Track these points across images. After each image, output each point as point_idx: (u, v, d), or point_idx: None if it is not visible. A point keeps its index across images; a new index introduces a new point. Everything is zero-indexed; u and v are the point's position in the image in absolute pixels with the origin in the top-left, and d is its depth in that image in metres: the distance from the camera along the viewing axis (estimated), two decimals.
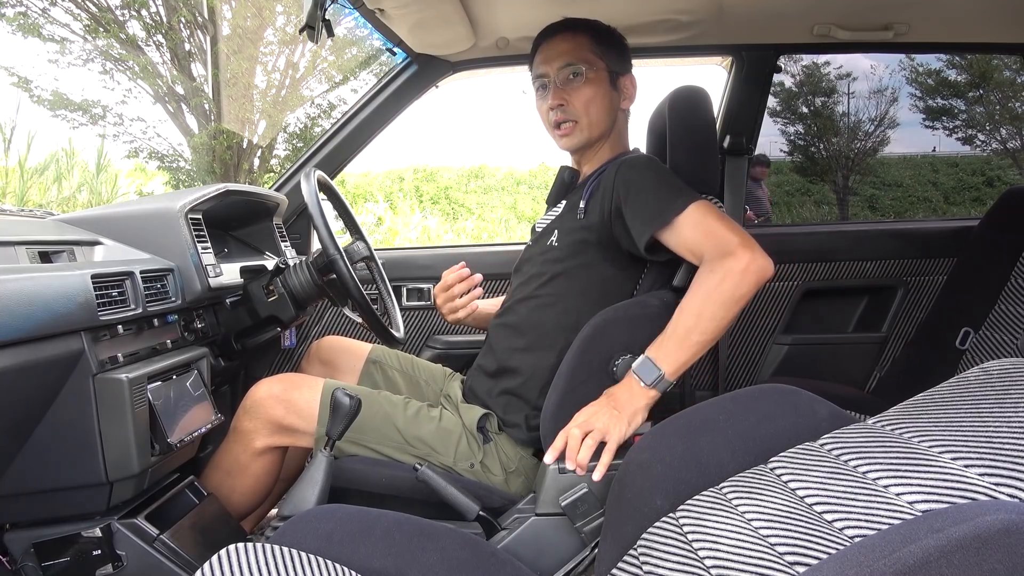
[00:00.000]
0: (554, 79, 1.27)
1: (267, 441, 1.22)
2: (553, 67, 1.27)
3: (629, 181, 1.16)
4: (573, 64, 1.26)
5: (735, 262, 1.02)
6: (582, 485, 1.04)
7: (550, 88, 1.28)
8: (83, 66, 6.71)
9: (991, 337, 1.63)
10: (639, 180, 1.16)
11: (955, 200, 6.26)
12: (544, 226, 1.33)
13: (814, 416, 0.78)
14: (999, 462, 0.55)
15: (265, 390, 1.21)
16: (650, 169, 1.18)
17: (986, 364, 0.69)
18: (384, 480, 1.19)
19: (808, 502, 0.64)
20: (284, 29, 7.05)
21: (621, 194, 1.15)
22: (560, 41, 1.28)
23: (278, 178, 1.89)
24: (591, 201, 1.23)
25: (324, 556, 0.78)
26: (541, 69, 1.29)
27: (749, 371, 1.95)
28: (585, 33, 1.28)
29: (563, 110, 1.27)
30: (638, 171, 1.17)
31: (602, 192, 1.20)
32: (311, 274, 1.36)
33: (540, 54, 1.30)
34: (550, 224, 1.31)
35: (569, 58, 1.26)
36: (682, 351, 1.04)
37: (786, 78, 6.04)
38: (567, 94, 1.27)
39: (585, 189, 1.26)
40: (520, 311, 1.28)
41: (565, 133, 1.29)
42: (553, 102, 1.27)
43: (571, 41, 1.27)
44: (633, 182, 1.16)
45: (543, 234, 1.31)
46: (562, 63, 1.26)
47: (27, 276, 0.93)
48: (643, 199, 1.13)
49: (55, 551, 1.06)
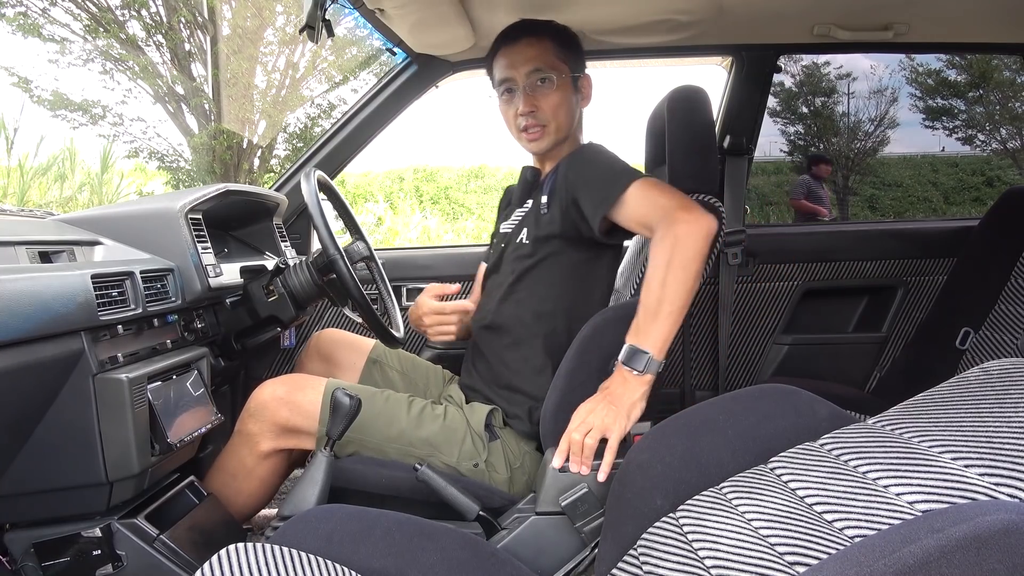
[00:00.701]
0: (523, 85, 1.27)
1: (273, 444, 1.22)
2: (520, 73, 1.27)
3: (578, 171, 1.22)
4: (541, 70, 1.27)
5: (680, 225, 1.06)
6: (582, 485, 1.04)
7: (518, 93, 1.28)
8: (83, 66, 6.71)
9: (991, 337, 1.63)
10: (586, 168, 1.22)
11: (955, 200, 6.27)
12: (513, 226, 1.35)
13: (814, 416, 0.78)
14: (999, 462, 0.55)
15: (269, 392, 1.21)
16: (594, 156, 1.25)
17: (986, 364, 0.69)
18: (384, 480, 1.19)
19: (808, 502, 0.64)
20: (284, 29, 7.05)
21: (573, 183, 1.21)
22: (525, 46, 1.27)
23: (278, 178, 1.89)
24: (552, 197, 1.28)
25: (324, 556, 0.78)
26: (507, 74, 1.29)
27: (749, 371, 1.95)
28: (548, 37, 1.28)
29: (533, 116, 1.28)
30: (583, 160, 1.24)
31: (559, 187, 1.25)
32: (311, 274, 1.36)
33: (504, 58, 1.29)
34: (518, 224, 1.34)
35: (537, 63, 1.26)
36: (659, 325, 1.05)
37: (786, 78, 6.04)
38: (536, 100, 1.27)
39: (545, 186, 1.30)
40: (502, 311, 1.30)
41: (534, 137, 1.30)
42: (524, 108, 1.27)
43: (536, 46, 1.27)
44: (581, 171, 1.22)
45: (513, 234, 1.34)
46: (530, 68, 1.27)
47: (27, 276, 0.93)
48: (591, 185, 1.19)
49: (55, 551, 1.06)
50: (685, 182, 1.29)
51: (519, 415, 1.25)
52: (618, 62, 1.92)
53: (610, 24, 1.61)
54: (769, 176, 6.28)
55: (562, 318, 1.26)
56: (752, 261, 1.89)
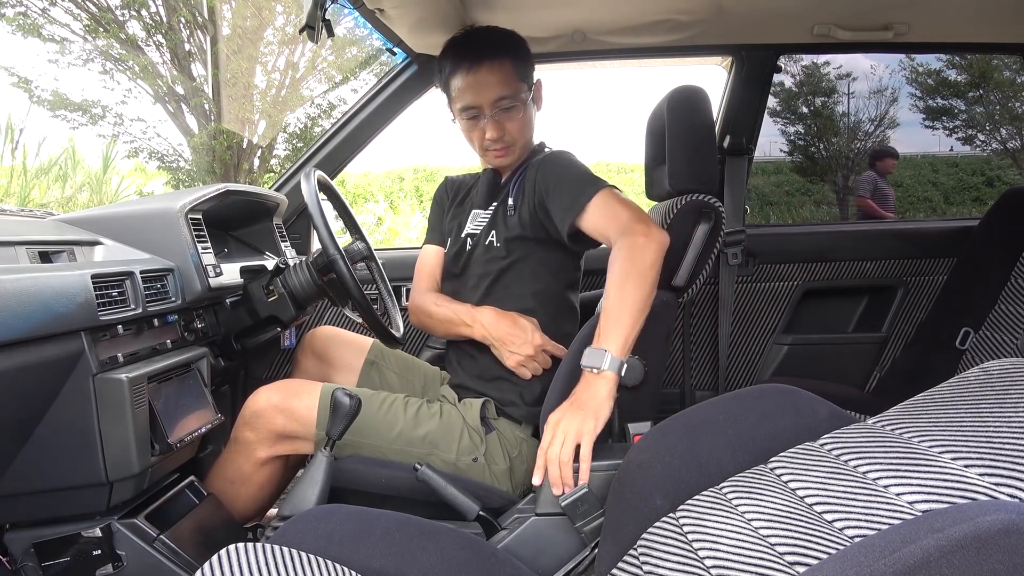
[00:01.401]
0: (489, 113, 1.29)
1: (269, 451, 1.22)
2: (485, 101, 1.29)
3: (547, 177, 1.26)
4: (507, 97, 1.29)
5: (635, 238, 1.11)
6: (582, 485, 1.04)
7: (484, 119, 1.30)
8: (83, 66, 6.72)
9: (991, 337, 1.63)
10: (555, 175, 1.26)
11: (955, 200, 6.26)
12: (480, 229, 1.37)
13: (814, 416, 0.78)
14: (999, 462, 0.55)
15: (264, 399, 1.21)
16: (563, 164, 1.28)
17: (986, 364, 0.69)
18: (384, 480, 1.19)
19: (808, 502, 0.64)
20: (284, 29, 7.05)
21: (542, 189, 1.26)
22: (487, 73, 1.28)
23: (278, 178, 1.89)
24: (518, 199, 1.31)
25: (324, 556, 0.78)
26: (470, 101, 1.30)
27: (749, 371, 1.95)
28: (506, 58, 1.29)
29: (502, 139, 1.31)
30: (553, 167, 1.28)
31: (527, 190, 1.30)
32: (311, 274, 1.36)
33: (464, 83, 1.29)
34: (486, 226, 1.36)
35: (501, 91, 1.28)
36: (619, 327, 1.07)
37: (786, 78, 6.04)
38: (503, 125, 1.31)
39: (511, 188, 1.34)
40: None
41: (501, 155, 1.34)
42: (493, 134, 1.30)
43: (498, 71, 1.28)
44: (550, 178, 1.26)
45: (481, 236, 1.36)
46: (495, 97, 1.28)
47: (27, 276, 0.93)
48: (560, 192, 1.23)
49: (55, 551, 1.06)
50: (685, 182, 1.29)
51: (513, 401, 1.28)
52: (618, 62, 1.92)
53: (610, 24, 1.61)
54: (769, 176, 6.28)
55: (540, 309, 1.31)
56: (752, 261, 1.89)
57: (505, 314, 1.29)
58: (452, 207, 1.50)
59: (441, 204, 1.54)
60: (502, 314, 1.29)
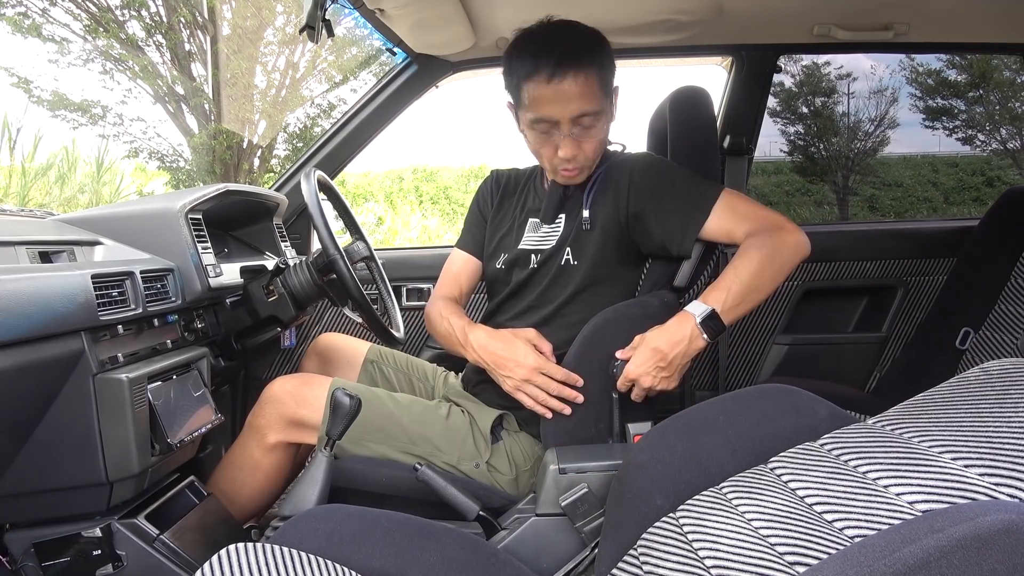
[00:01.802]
0: (566, 131, 1.13)
1: (279, 436, 1.23)
2: (565, 116, 1.11)
3: (650, 186, 1.17)
4: (589, 115, 1.12)
5: (789, 235, 1.11)
6: (582, 485, 1.04)
7: (559, 135, 1.14)
8: (83, 66, 6.72)
9: (991, 337, 1.63)
10: (661, 184, 1.18)
11: (955, 200, 6.26)
12: (551, 243, 1.24)
13: (814, 416, 0.78)
14: (999, 462, 0.55)
15: (280, 386, 1.23)
16: (667, 170, 1.20)
17: (986, 364, 0.69)
18: (384, 480, 1.19)
19: (808, 502, 0.64)
20: (284, 29, 7.05)
21: (644, 199, 1.17)
22: (571, 84, 1.09)
23: (278, 178, 1.89)
24: (595, 210, 1.20)
25: (324, 556, 0.78)
26: (548, 114, 1.12)
27: (749, 371, 1.95)
28: (592, 69, 1.10)
29: (575, 160, 1.16)
30: (655, 175, 1.19)
31: (613, 198, 1.19)
32: (311, 274, 1.36)
33: (543, 92, 1.10)
34: (558, 241, 1.24)
35: (584, 106, 1.11)
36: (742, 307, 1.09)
37: (786, 78, 6.04)
38: (581, 143, 1.15)
39: (586, 200, 1.22)
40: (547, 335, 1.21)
41: (571, 175, 1.19)
42: (568, 154, 1.14)
43: (583, 84, 1.09)
44: (656, 187, 1.17)
45: (552, 252, 1.24)
46: (576, 112, 1.11)
47: (27, 276, 0.93)
48: (672, 201, 1.16)
49: (55, 551, 1.06)
50: None
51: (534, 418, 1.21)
52: (618, 62, 1.92)
53: (610, 24, 1.61)
54: (769, 176, 6.28)
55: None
56: None
57: (498, 334, 1.19)
58: (498, 209, 1.38)
59: (483, 207, 1.41)
60: (495, 334, 1.19)
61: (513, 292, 1.30)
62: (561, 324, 1.23)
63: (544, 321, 1.24)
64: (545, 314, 1.24)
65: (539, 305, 1.25)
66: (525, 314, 1.27)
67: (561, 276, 1.23)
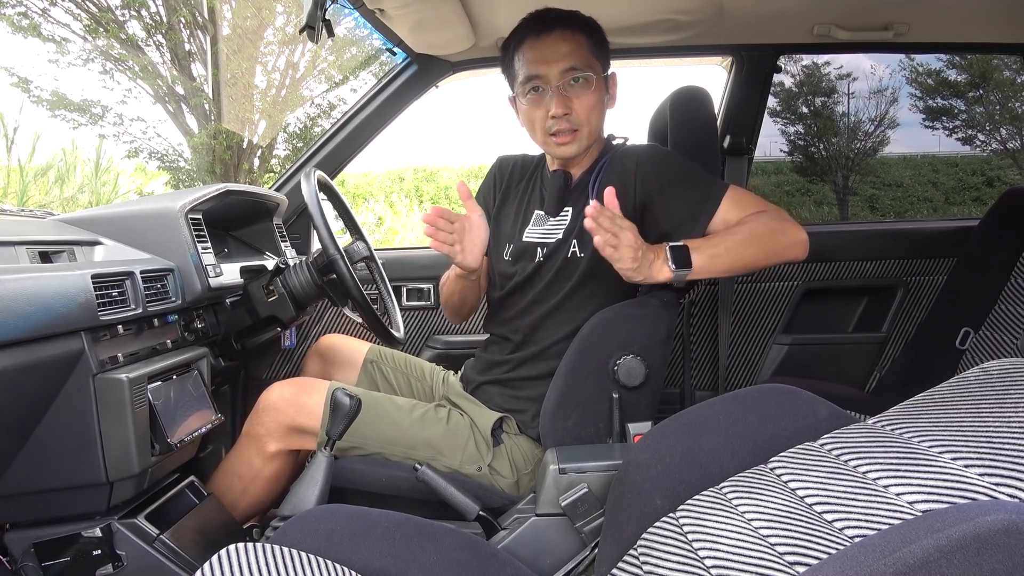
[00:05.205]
0: (556, 84, 1.16)
1: (279, 444, 1.22)
2: (554, 71, 1.15)
3: (658, 176, 1.16)
4: (577, 68, 1.15)
5: (791, 229, 1.11)
6: (582, 485, 1.04)
7: (549, 94, 1.16)
8: (83, 66, 6.72)
9: (991, 337, 1.63)
10: (670, 171, 1.17)
11: (955, 200, 6.26)
12: (557, 236, 1.24)
13: (814, 416, 0.78)
14: (999, 462, 0.55)
15: (277, 393, 1.22)
16: (675, 158, 1.21)
17: (986, 364, 0.69)
18: (384, 480, 1.19)
19: (808, 502, 0.64)
20: (284, 29, 7.05)
21: (652, 189, 1.16)
22: (559, 41, 1.15)
23: (278, 178, 1.89)
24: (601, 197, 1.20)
25: (324, 556, 0.78)
26: (537, 70, 1.16)
27: (749, 371, 1.95)
28: (582, 32, 1.18)
29: (567, 119, 1.17)
30: (663, 162, 1.19)
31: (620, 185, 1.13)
32: (311, 274, 1.36)
33: (532, 52, 1.17)
34: (564, 233, 1.23)
35: (572, 61, 1.15)
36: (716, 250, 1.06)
37: (786, 78, 6.04)
38: (571, 101, 1.16)
39: (591, 190, 1.21)
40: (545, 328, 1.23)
41: (564, 142, 1.19)
42: (558, 110, 1.16)
43: (571, 41, 1.16)
44: (664, 177, 1.16)
45: (557, 245, 1.23)
46: (565, 67, 1.15)
47: (27, 276, 0.93)
48: (683, 189, 1.15)
49: (55, 551, 1.06)
50: None
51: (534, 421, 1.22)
52: (618, 62, 1.92)
53: (610, 24, 1.61)
54: (769, 176, 6.28)
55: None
56: None
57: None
58: (503, 201, 1.36)
59: (487, 201, 1.39)
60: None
61: (519, 285, 1.28)
62: (564, 318, 1.23)
63: (547, 315, 1.24)
64: (549, 307, 1.23)
65: (543, 300, 1.25)
66: (530, 308, 1.26)
67: (565, 268, 1.22)
